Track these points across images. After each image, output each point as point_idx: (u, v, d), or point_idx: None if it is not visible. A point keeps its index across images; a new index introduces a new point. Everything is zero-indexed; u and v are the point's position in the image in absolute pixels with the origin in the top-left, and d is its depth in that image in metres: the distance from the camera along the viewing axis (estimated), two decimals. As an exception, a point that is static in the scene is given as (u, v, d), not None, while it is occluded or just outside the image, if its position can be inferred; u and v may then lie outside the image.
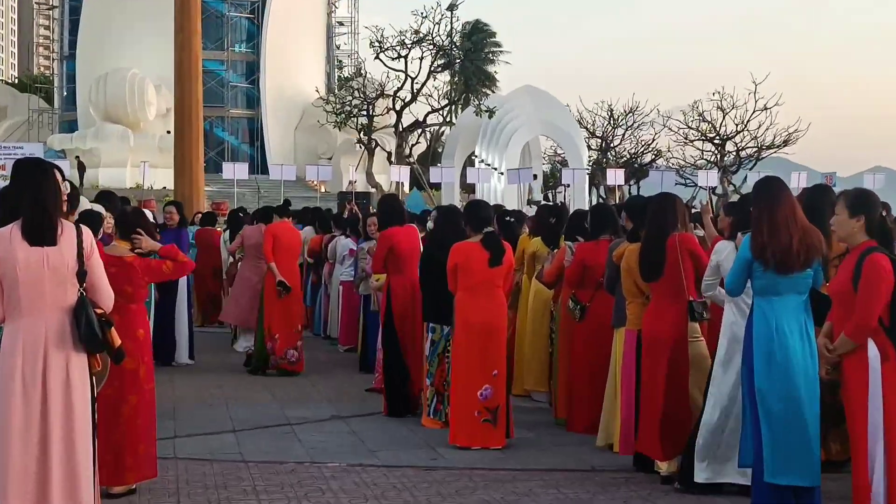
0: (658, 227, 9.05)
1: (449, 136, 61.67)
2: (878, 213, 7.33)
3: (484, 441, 10.19)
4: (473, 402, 10.23)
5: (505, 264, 10.52)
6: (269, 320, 15.00)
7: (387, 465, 9.51)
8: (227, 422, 11.55)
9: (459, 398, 10.34)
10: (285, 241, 15.08)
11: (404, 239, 12.31)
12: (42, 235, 5.93)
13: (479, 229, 10.52)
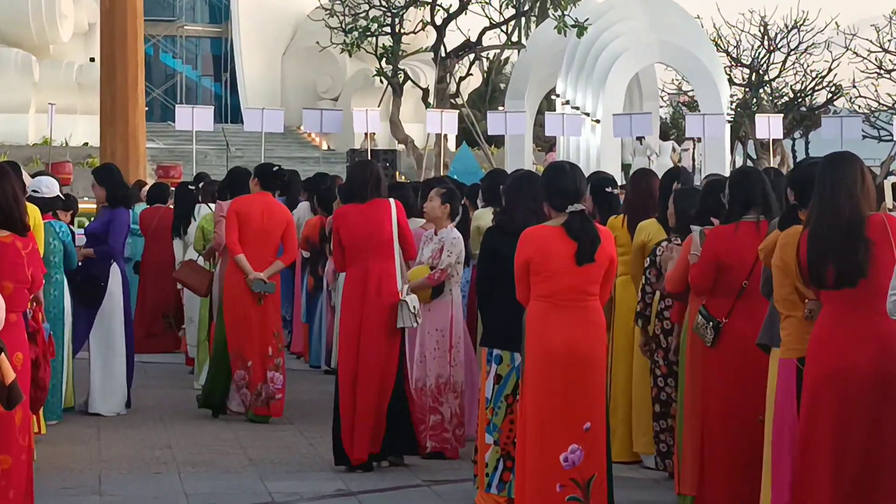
0: (841, 209, 8.98)
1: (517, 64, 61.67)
2: None
3: None
4: (554, 471, 10.10)
5: (601, 262, 10.30)
6: (238, 340, 15.27)
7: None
8: (179, 498, 11.67)
9: (533, 464, 10.17)
10: (257, 222, 15.46)
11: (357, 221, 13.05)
12: None
13: (562, 207, 10.44)
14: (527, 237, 10.20)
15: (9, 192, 9.18)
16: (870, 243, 8.65)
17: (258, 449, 13.80)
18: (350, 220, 13.00)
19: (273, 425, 15.18)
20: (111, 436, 14.53)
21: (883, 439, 8.63)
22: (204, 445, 14.06)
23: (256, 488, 12.05)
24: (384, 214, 13.07)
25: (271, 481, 12.30)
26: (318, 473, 12.72)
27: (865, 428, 8.66)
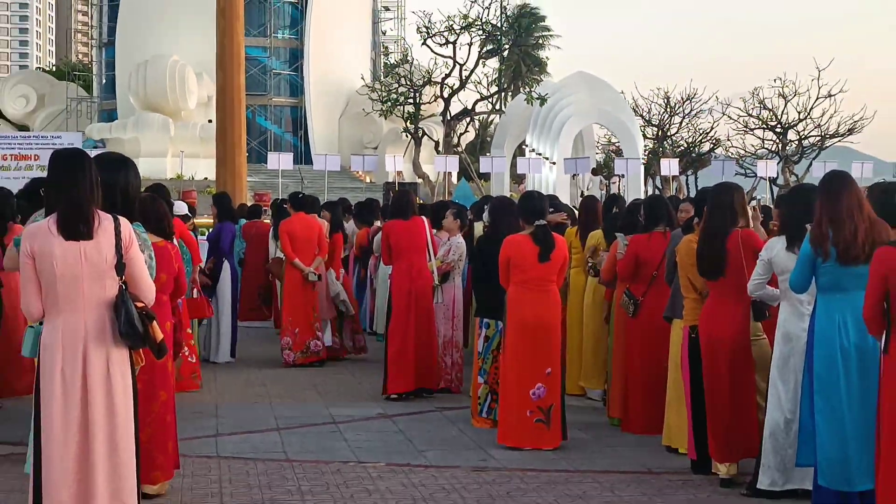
0: (719, 223, 8.98)
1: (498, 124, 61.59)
2: None
3: (536, 442, 10.18)
4: (525, 402, 10.20)
5: (556, 259, 10.44)
6: (290, 314, 15.44)
7: (435, 466, 9.54)
8: (270, 420, 11.63)
9: (510, 397, 10.31)
10: (302, 234, 15.53)
11: (401, 231, 13.25)
12: (77, 230, 5.92)
13: (531, 222, 10.50)
14: (507, 242, 10.43)
15: (162, 211, 9.17)
16: (726, 252, 8.75)
17: (324, 386, 13.77)
18: (398, 230, 13.24)
19: (332, 369, 15.13)
20: (223, 377, 14.49)
21: (743, 374, 8.90)
22: (286, 384, 14.02)
23: (322, 413, 12.03)
24: (422, 227, 13.43)
25: (333, 408, 12.28)
26: (364, 402, 12.71)
27: (731, 367, 8.85)
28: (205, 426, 11.17)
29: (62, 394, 5.88)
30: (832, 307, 7.67)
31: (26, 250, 5.95)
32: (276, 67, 72.47)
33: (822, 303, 7.74)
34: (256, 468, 9.38)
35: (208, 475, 9.07)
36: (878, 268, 6.89)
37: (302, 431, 11.05)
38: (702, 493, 8.64)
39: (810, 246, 7.69)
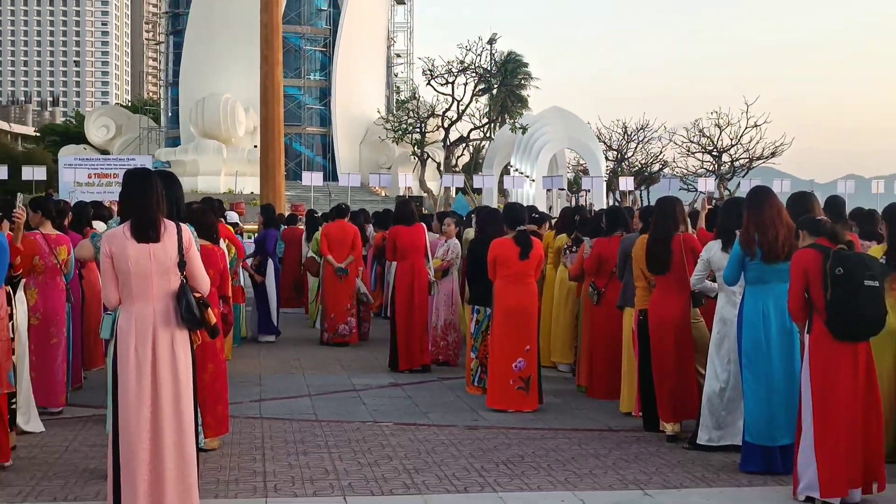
0: (664, 229, 9.03)
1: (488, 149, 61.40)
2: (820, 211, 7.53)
3: (518, 405, 10.20)
4: (509, 373, 10.23)
5: (534, 257, 10.44)
6: (329, 303, 15.43)
7: (436, 425, 9.53)
8: (303, 388, 11.62)
9: (496, 369, 10.34)
10: (337, 237, 15.54)
11: (406, 235, 13.22)
12: (147, 234, 5.95)
13: (513, 227, 10.53)
14: (494, 244, 10.46)
15: (211, 221, 9.16)
16: (671, 252, 8.76)
17: (346, 361, 13.75)
18: (402, 234, 13.21)
19: (353, 347, 15.10)
20: (266, 353, 14.48)
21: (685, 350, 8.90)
22: (317, 359, 14.00)
23: (346, 382, 12.02)
24: (421, 232, 13.44)
25: (354, 378, 12.27)
26: (379, 374, 12.68)
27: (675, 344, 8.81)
28: (250, 393, 11.17)
29: (136, 368, 5.88)
30: (757, 296, 7.74)
31: (106, 251, 5.96)
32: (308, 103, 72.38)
33: (750, 293, 7.80)
34: (292, 427, 9.38)
35: (253, 432, 9.07)
36: (797, 267, 7.00)
37: (329, 397, 11.04)
38: (651, 447, 8.63)
39: (740, 247, 7.76)
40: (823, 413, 6.87)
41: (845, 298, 6.71)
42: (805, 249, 7.05)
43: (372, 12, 73.33)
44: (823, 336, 6.87)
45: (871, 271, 6.75)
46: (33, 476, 7.48)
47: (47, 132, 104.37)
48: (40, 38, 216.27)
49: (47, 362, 9.54)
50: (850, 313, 6.73)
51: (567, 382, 11.91)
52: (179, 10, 72.91)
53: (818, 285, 6.85)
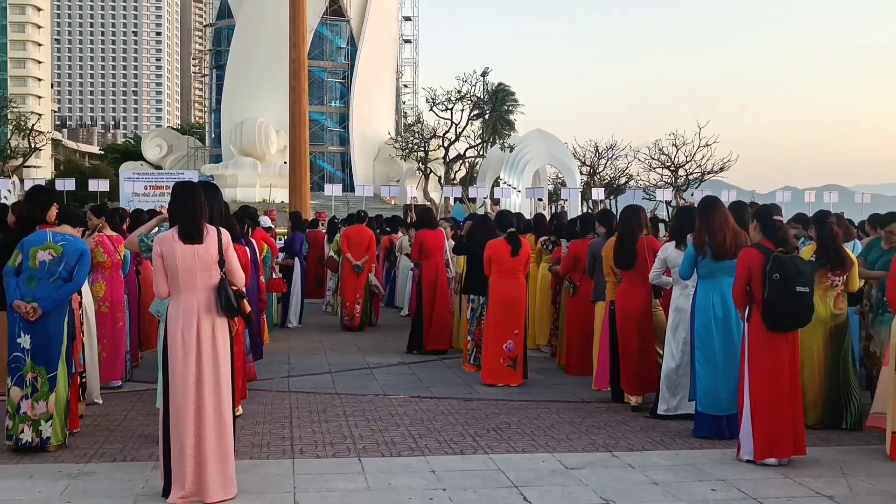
0: (630, 232, 9.04)
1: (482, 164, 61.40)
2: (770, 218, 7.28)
3: (506, 380, 10.18)
4: (500, 353, 10.21)
5: (522, 256, 10.43)
6: (345, 294, 15.44)
7: (437, 397, 9.52)
8: (325, 366, 11.60)
9: (489, 349, 10.31)
10: (356, 239, 15.45)
11: (431, 238, 13.03)
12: (192, 237, 5.97)
13: (504, 230, 10.52)
14: (490, 245, 10.41)
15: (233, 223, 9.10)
16: (636, 251, 8.77)
17: (361, 343, 13.73)
18: (427, 237, 13.00)
19: (367, 332, 15.09)
20: (294, 336, 14.46)
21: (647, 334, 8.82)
22: (336, 340, 13.98)
23: (360, 361, 11.99)
24: (442, 235, 13.35)
25: (368, 358, 12.25)
26: (389, 354, 12.65)
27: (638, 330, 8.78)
28: (279, 370, 11.16)
29: (182, 349, 5.89)
30: (708, 289, 7.75)
31: (157, 251, 5.97)
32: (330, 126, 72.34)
33: (701, 286, 7.81)
34: (315, 399, 9.37)
35: (282, 404, 9.06)
36: (743, 264, 7.00)
37: (346, 374, 11.03)
38: (618, 416, 8.62)
39: (693, 248, 7.77)
40: (759, 389, 6.90)
41: (779, 300, 6.76)
42: (750, 249, 7.06)
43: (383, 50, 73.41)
44: (760, 324, 6.90)
45: (802, 278, 6.78)
46: (97, 440, 7.49)
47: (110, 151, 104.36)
48: (104, 71, 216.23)
49: (115, 343, 9.64)
50: (783, 312, 6.79)
51: (548, 362, 11.89)
52: (221, 48, 72.96)
53: (758, 282, 6.86)
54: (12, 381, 7.02)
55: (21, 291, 7.00)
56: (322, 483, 6.30)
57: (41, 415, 7.00)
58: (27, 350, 7.01)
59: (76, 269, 7.12)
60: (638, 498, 6.06)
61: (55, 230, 7.23)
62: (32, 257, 7.03)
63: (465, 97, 60.76)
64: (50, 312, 7.03)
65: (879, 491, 6.30)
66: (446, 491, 6.15)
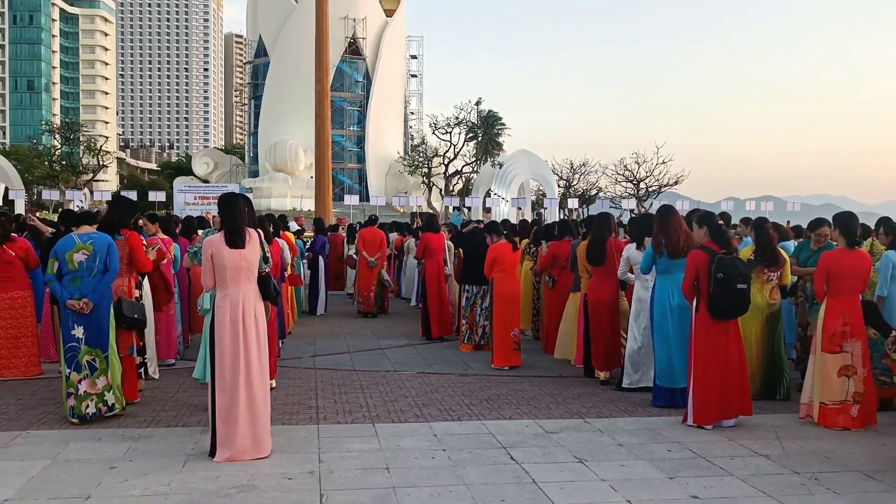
0: (601, 235, 9.03)
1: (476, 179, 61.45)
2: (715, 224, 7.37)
3: (513, 362, 9.80)
4: (509, 340, 9.84)
5: (518, 254, 10.22)
6: (360, 286, 15.44)
7: (439, 373, 9.50)
8: (344, 347, 11.58)
9: (499, 338, 9.84)
10: (369, 239, 15.43)
11: (434, 240, 12.90)
12: (236, 242, 5.98)
13: (500, 235, 10.30)
14: (493, 248, 10.10)
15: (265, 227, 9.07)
16: (606, 251, 8.73)
17: (375, 328, 13.70)
18: (431, 240, 12.87)
19: (380, 318, 15.06)
20: (319, 322, 14.42)
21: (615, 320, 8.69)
22: (355, 326, 13.93)
23: (374, 343, 11.95)
24: (442, 238, 13.22)
25: (381, 340, 12.21)
26: (398, 337, 12.59)
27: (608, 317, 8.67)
28: (307, 350, 11.14)
29: (230, 333, 5.88)
30: (664, 283, 7.73)
31: (207, 253, 6.00)
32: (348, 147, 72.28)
33: (659, 280, 7.79)
34: (336, 375, 9.34)
35: (308, 379, 9.05)
36: (691, 263, 7.03)
37: (362, 354, 11.00)
38: (589, 388, 8.61)
39: (652, 248, 7.75)
40: (702, 368, 6.94)
41: (722, 295, 6.81)
42: (697, 251, 7.06)
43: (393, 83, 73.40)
44: (705, 314, 6.93)
45: (741, 277, 6.83)
46: (154, 409, 7.47)
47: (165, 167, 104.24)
48: (161, 100, 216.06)
49: (169, 328, 9.62)
50: (725, 306, 6.84)
51: (531, 343, 11.85)
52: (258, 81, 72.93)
53: (704, 278, 6.89)
54: (71, 368, 6.89)
55: (69, 291, 6.90)
56: (342, 444, 6.29)
57: (103, 387, 6.94)
58: (81, 339, 6.90)
59: (108, 261, 7.01)
60: (606, 457, 6.05)
61: (79, 232, 7.10)
62: (70, 261, 6.92)
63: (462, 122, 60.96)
64: (98, 303, 6.96)
65: (808, 451, 6.29)
66: (446, 451, 6.14)
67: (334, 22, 50.70)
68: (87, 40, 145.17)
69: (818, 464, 5.97)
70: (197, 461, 5.83)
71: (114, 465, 5.70)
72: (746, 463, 5.94)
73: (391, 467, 5.70)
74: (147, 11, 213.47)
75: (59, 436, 6.48)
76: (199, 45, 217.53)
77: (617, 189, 63.66)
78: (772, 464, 5.95)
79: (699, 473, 5.67)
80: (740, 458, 6.05)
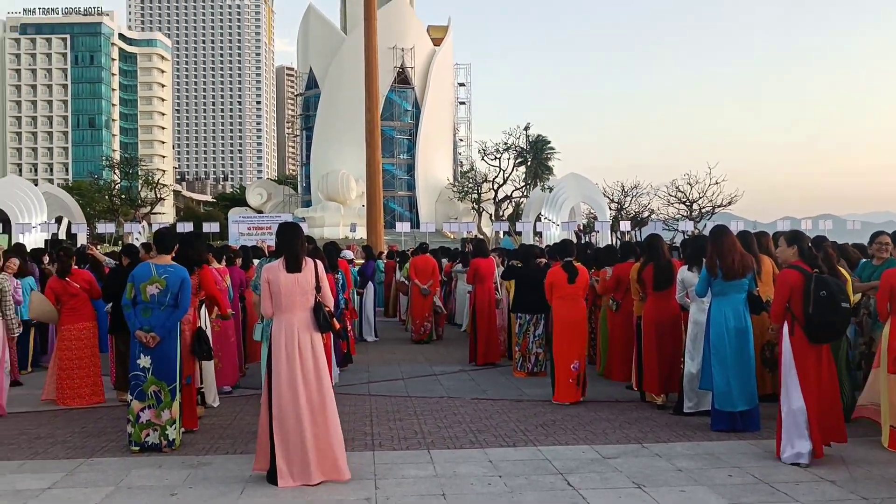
0: (666, 258, 8.93)
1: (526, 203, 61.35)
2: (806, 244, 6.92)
3: (573, 398, 9.15)
4: (568, 372, 9.25)
5: (580, 282, 9.52)
6: (414, 313, 15.47)
7: (492, 399, 9.46)
8: (398, 373, 11.60)
9: (560, 370, 9.27)
10: (421, 267, 15.51)
11: (484, 265, 12.78)
12: (294, 267, 6.07)
13: (561, 259, 9.85)
14: (550, 272, 9.73)
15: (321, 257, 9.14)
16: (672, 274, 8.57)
17: (428, 354, 13.70)
18: (481, 265, 12.71)
19: (435, 345, 15.07)
20: (372, 349, 14.47)
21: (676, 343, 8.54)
22: (407, 352, 13.95)
23: (428, 369, 11.96)
24: (492, 263, 13.02)
25: (434, 367, 12.21)
26: (452, 364, 12.57)
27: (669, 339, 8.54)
28: (361, 377, 11.19)
29: (286, 361, 5.94)
30: (720, 305, 7.60)
31: (265, 278, 6.10)
32: (399, 175, 72.90)
33: (715, 303, 7.66)
34: (391, 401, 9.36)
35: (363, 405, 9.08)
36: (783, 284, 6.56)
37: (416, 380, 11.01)
38: (646, 413, 8.48)
39: (706, 270, 7.64)
40: (809, 396, 6.43)
41: (825, 315, 6.34)
42: (790, 270, 6.60)
43: (442, 111, 73.94)
44: (801, 338, 6.46)
45: (843, 294, 6.40)
46: (212, 437, 7.58)
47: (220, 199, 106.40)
48: (215, 134, 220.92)
49: (225, 355, 9.76)
50: (827, 326, 6.37)
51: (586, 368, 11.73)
52: (310, 112, 74.20)
53: (798, 299, 6.44)
54: (133, 396, 7.02)
55: (140, 321, 7.03)
56: (398, 471, 6.29)
57: (167, 420, 7.02)
58: (147, 369, 7.01)
59: (180, 296, 7.12)
60: (665, 482, 5.94)
61: (157, 262, 7.21)
62: (143, 292, 7.04)
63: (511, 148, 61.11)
64: (166, 336, 7.06)
65: (876, 476, 6.09)
66: (502, 477, 6.10)
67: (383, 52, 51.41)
68: (144, 77, 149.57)
69: (887, 489, 5.77)
70: (255, 488, 5.89)
71: (174, 492, 5.79)
72: (812, 489, 5.77)
73: (447, 494, 5.68)
74: (201, 47, 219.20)
75: (122, 463, 6.62)
76: (251, 79, 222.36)
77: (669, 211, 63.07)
78: (838, 489, 5.77)
79: (763, 499, 5.53)
80: (805, 484, 5.88)
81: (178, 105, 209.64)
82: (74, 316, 9.34)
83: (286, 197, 76.22)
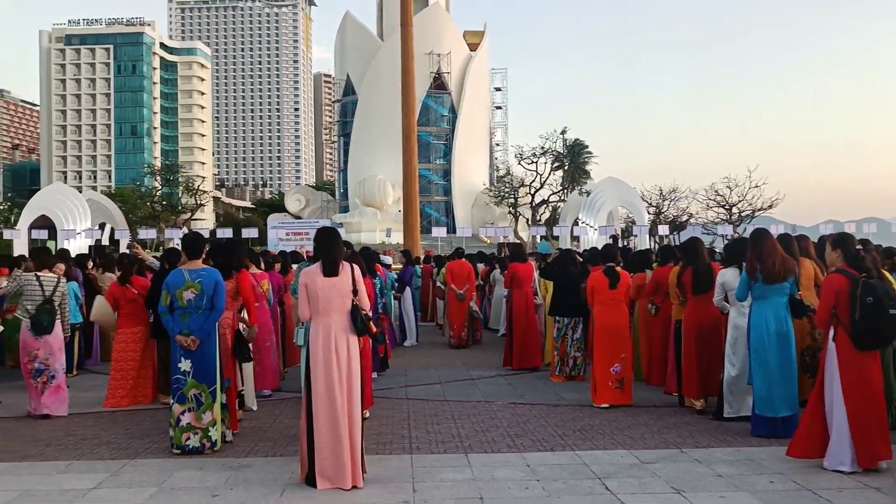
0: (706, 262, 8.85)
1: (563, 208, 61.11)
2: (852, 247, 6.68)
3: (616, 401, 9.12)
4: (609, 376, 9.26)
5: (621, 287, 9.48)
6: (450, 318, 15.45)
7: (530, 403, 9.44)
8: (436, 377, 11.62)
9: (600, 374, 9.24)
10: (457, 272, 15.49)
11: (522, 269, 12.67)
12: (332, 271, 6.12)
13: (600, 264, 9.82)
14: (591, 277, 9.67)
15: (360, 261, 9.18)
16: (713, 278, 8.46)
17: (465, 358, 13.70)
18: (518, 269, 12.62)
19: (469, 349, 15.05)
20: (410, 354, 14.49)
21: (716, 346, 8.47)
22: (445, 356, 13.96)
23: (465, 373, 11.96)
24: (531, 267, 12.95)
25: (471, 371, 12.20)
26: (489, 368, 12.54)
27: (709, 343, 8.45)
28: (398, 381, 11.23)
29: (323, 363, 5.98)
30: (761, 308, 7.51)
31: (303, 282, 6.15)
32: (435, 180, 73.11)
33: (755, 306, 7.57)
34: (428, 405, 9.39)
35: (401, 409, 9.12)
36: (829, 289, 6.38)
37: (453, 384, 11.02)
38: (685, 418, 8.40)
39: (746, 273, 7.55)
40: (854, 405, 6.24)
41: (872, 322, 6.15)
42: (836, 275, 6.39)
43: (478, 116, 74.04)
44: (847, 345, 6.27)
45: (892, 300, 6.18)
46: (252, 440, 7.67)
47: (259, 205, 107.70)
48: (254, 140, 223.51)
49: (264, 359, 9.87)
50: (875, 332, 6.19)
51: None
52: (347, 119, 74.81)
53: (845, 305, 6.26)
54: (174, 400, 7.12)
55: (179, 326, 7.15)
56: (436, 474, 6.31)
57: (209, 422, 7.12)
58: (188, 372, 7.12)
59: (215, 298, 7.22)
60: (704, 488, 5.89)
61: (188, 267, 7.32)
62: (180, 298, 7.15)
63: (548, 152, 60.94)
64: (205, 339, 7.18)
65: (922, 483, 5.97)
66: (540, 482, 6.09)
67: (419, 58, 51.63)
68: (184, 86, 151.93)
69: (934, 497, 5.65)
70: (294, 490, 5.95)
71: (216, 494, 5.87)
72: (856, 496, 5.68)
73: (485, 497, 5.68)
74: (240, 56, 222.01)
75: (165, 464, 6.73)
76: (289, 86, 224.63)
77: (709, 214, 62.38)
78: (883, 496, 5.67)
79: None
80: (849, 491, 5.79)
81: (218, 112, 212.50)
82: (133, 320, 9.68)
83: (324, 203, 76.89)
